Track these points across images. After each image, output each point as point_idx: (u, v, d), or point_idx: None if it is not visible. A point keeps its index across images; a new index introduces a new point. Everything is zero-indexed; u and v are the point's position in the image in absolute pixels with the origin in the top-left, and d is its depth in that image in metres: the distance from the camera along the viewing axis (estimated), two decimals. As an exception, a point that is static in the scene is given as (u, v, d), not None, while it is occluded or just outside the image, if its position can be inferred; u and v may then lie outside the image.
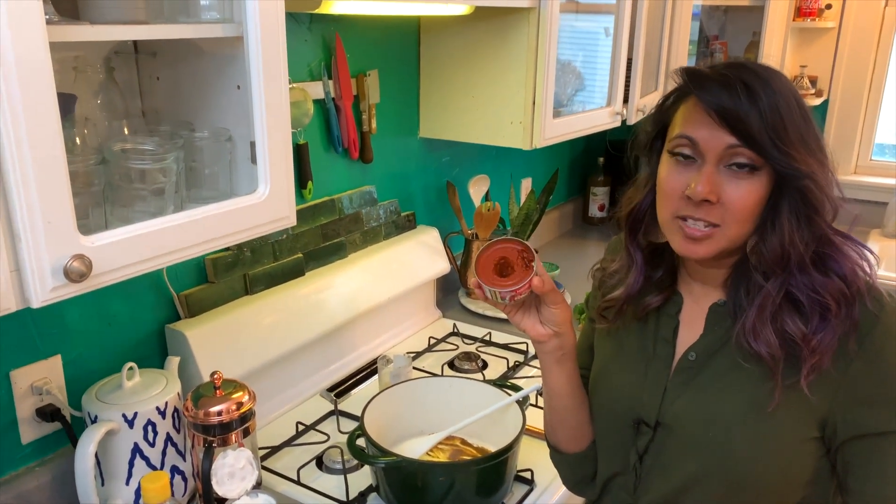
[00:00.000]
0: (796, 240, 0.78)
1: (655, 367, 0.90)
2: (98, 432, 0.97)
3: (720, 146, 0.77)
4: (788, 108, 0.77)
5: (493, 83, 1.66)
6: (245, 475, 1.00)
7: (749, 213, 0.79)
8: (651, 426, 0.89)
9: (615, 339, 0.97)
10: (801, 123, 0.77)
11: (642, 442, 0.90)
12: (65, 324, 1.10)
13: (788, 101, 0.77)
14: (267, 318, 1.35)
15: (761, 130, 0.75)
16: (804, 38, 2.77)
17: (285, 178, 0.98)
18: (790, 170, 0.76)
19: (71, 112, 0.92)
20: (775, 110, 0.75)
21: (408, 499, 1.10)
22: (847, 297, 0.78)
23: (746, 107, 0.75)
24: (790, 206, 0.78)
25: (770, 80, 0.77)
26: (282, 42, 0.93)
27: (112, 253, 0.77)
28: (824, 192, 0.78)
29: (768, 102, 0.75)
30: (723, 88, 0.76)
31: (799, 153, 0.76)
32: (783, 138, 0.75)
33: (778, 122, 0.75)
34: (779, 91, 0.77)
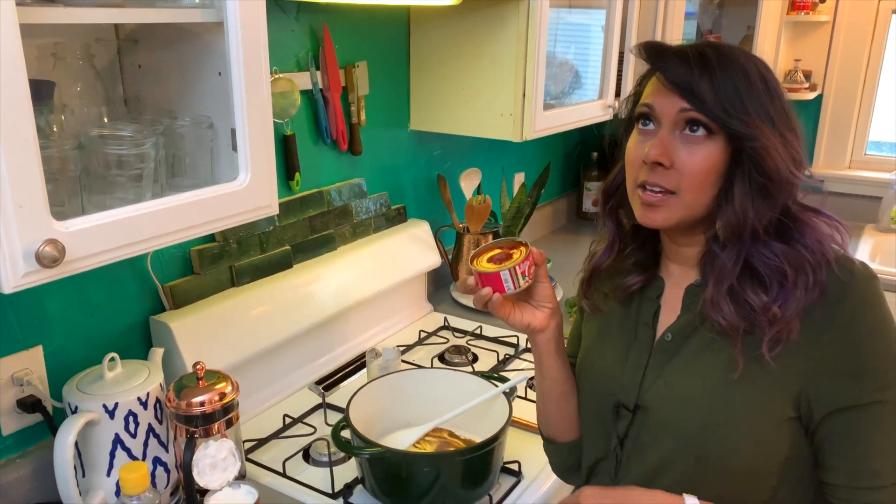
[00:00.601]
0: (749, 208, 0.78)
1: (636, 351, 0.91)
2: (77, 423, 0.96)
3: (673, 111, 0.80)
4: (747, 79, 0.78)
5: (483, 75, 1.65)
6: (227, 466, 0.99)
7: (702, 179, 0.80)
8: (630, 410, 0.89)
9: (599, 323, 0.98)
10: (762, 96, 0.79)
11: (622, 426, 0.90)
12: (46, 314, 1.09)
13: (748, 73, 0.79)
14: (254, 310, 1.34)
15: (710, 94, 0.77)
16: (798, 32, 2.76)
17: (266, 166, 0.97)
18: (740, 132, 0.77)
19: (49, 99, 0.91)
20: (729, 79, 0.78)
21: (393, 490, 1.09)
22: (810, 264, 0.78)
23: (698, 74, 0.78)
24: (742, 174, 0.78)
25: (729, 55, 0.79)
26: (262, 27, 0.92)
27: (87, 238, 0.76)
28: (777, 162, 0.78)
29: (722, 72, 0.78)
30: (678, 59, 0.79)
31: (751, 119, 0.77)
32: (734, 103, 0.77)
33: (731, 90, 0.77)
34: (738, 63, 0.79)
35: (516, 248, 0.91)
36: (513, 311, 0.92)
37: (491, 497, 1.12)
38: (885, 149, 2.89)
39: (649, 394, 0.88)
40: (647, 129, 0.83)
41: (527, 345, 1.65)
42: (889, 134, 2.90)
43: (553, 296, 0.93)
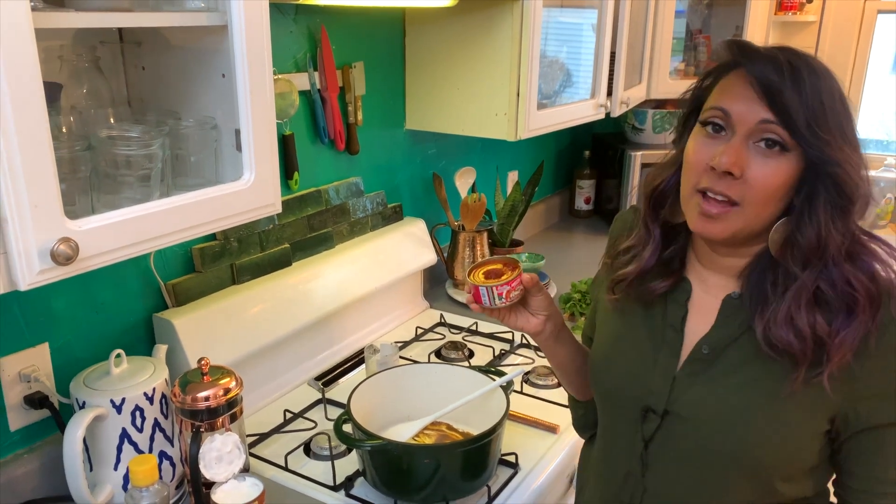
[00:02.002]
0: (832, 230, 0.76)
1: (664, 355, 0.89)
2: (86, 417, 0.98)
3: (753, 120, 0.77)
4: (831, 97, 0.76)
5: (478, 75, 1.67)
6: (232, 459, 1.01)
7: (771, 195, 0.78)
8: (659, 414, 0.88)
9: (622, 318, 0.95)
10: (841, 115, 0.77)
11: (649, 428, 0.89)
12: (52, 312, 1.11)
13: (832, 91, 0.76)
14: (254, 307, 1.37)
15: (798, 110, 0.74)
16: (786, 32, 2.80)
17: (270, 166, 1.00)
18: (822, 154, 0.75)
19: (56, 100, 0.93)
20: (817, 95, 0.75)
21: (394, 482, 1.11)
22: (873, 294, 0.77)
23: (789, 84, 0.75)
24: (826, 195, 0.76)
25: (816, 69, 0.77)
26: (266, 29, 0.94)
27: (98, 237, 0.78)
28: (857, 184, 0.76)
29: (811, 86, 0.75)
30: (769, 63, 0.76)
31: (835, 140, 0.75)
32: (820, 123, 0.75)
33: (818, 106, 0.75)
34: (824, 79, 0.77)
35: (511, 270, 0.96)
36: (507, 315, 0.98)
37: (489, 488, 1.15)
38: (872, 146, 2.94)
39: (683, 400, 0.87)
40: (716, 134, 0.80)
41: (522, 340, 1.68)
42: (876, 131, 2.95)
43: (549, 305, 0.97)
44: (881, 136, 2.97)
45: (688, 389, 0.86)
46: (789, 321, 0.78)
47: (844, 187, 0.76)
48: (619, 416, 0.94)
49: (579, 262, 2.25)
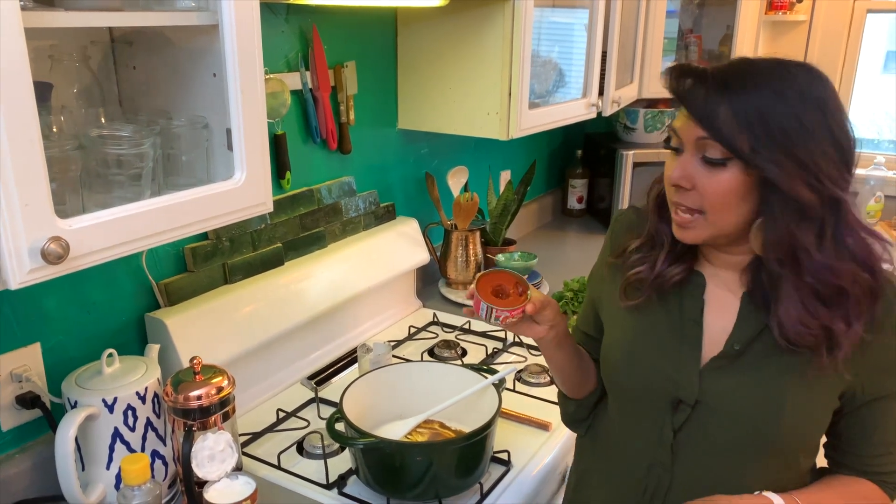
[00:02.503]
0: (793, 229, 0.81)
1: (687, 348, 0.93)
2: (78, 417, 0.98)
3: (692, 137, 0.83)
4: (776, 99, 0.79)
5: (469, 75, 1.68)
6: (225, 458, 1.01)
7: (724, 202, 0.83)
8: (690, 405, 0.92)
9: (639, 315, 0.97)
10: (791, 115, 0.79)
11: (679, 419, 0.93)
12: (43, 311, 1.11)
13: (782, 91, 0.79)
14: (246, 307, 1.37)
15: (729, 125, 0.79)
16: (776, 32, 2.82)
17: (261, 165, 1.00)
18: (758, 164, 0.79)
19: (47, 100, 0.93)
20: (750, 104, 0.78)
21: (386, 480, 1.12)
22: (866, 282, 0.82)
23: (714, 102, 0.79)
24: (777, 200, 0.80)
25: (757, 75, 0.80)
26: (257, 29, 0.94)
27: (89, 236, 0.78)
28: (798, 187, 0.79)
29: (742, 96, 0.79)
30: (699, 84, 0.81)
31: (770, 151, 0.78)
32: (753, 131, 0.78)
33: (752, 115, 0.78)
34: (767, 84, 0.79)
35: (518, 295, 0.98)
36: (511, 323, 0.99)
37: (482, 485, 1.15)
38: (862, 145, 2.96)
39: (712, 392, 0.91)
40: (676, 151, 0.86)
41: (514, 339, 1.69)
42: (867, 130, 2.97)
43: (554, 316, 0.99)
44: (872, 134, 2.99)
45: (717, 381, 0.91)
46: (796, 319, 0.83)
47: (789, 189, 0.79)
48: (644, 411, 0.97)
49: (572, 261, 2.26)
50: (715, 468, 0.93)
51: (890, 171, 2.66)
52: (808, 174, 0.79)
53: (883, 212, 2.64)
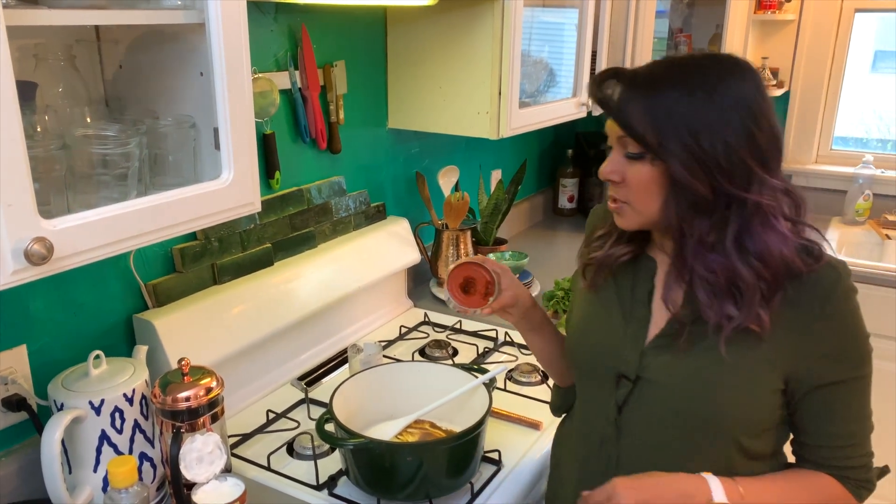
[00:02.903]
0: (685, 222, 0.87)
1: (633, 326, 0.98)
2: (64, 419, 0.97)
3: (615, 135, 0.91)
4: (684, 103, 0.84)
5: (459, 74, 1.68)
6: (213, 459, 1.01)
7: (644, 193, 0.89)
8: (631, 380, 0.96)
9: (595, 296, 1.05)
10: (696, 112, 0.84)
11: (622, 394, 0.98)
12: (29, 313, 1.10)
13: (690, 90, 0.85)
14: (236, 307, 1.36)
15: (640, 122, 0.85)
16: (766, 31, 2.83)
17: (249, 164, 0.99)
18: (664, 160, 0.85)
19: (31, 99, 0.92)
20: (661, 105, 0.85)
21: (377, 480, 1.11)
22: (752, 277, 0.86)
23: (625, 101, 0.87)
24: (675, 193, 0.87)
25: (665, 76, 0.87)
26: (244, 27, 0.94)
27: (74, 236, 0.78)
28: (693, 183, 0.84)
29: (651, 96, 0.85)
30: (617, 85, 0.88)
31: (669, 141, 0.84)
32: (663, 130, 0.84)
33: (661, 115, 0.85)
34: (674, 83, 0.86)
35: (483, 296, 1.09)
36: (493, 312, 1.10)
37: (472, 485, 1.15)
38: (851, 143, 2.98)
39: (652, 367, 0.95)
40: (610, 149, 0.94)
41: (505, 338, 1.69)
42: (855, 129, 2.99)
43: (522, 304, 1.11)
44: (860, 133, 3.00)
45: (657, 358, 0.95)
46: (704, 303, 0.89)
47: (687, 187, 0.85)
48: (594, 386, 1.03)
49: (563, 260, 2.26)
50: (658, 446, 0.96)
51: (878, 170, 2.68)
52: (705, 170, 0.84)
53: (871, 210, 2.66)
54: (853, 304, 0.89)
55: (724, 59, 0.89)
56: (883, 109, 2.98)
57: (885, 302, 2.25)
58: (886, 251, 2.54)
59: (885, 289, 2.24)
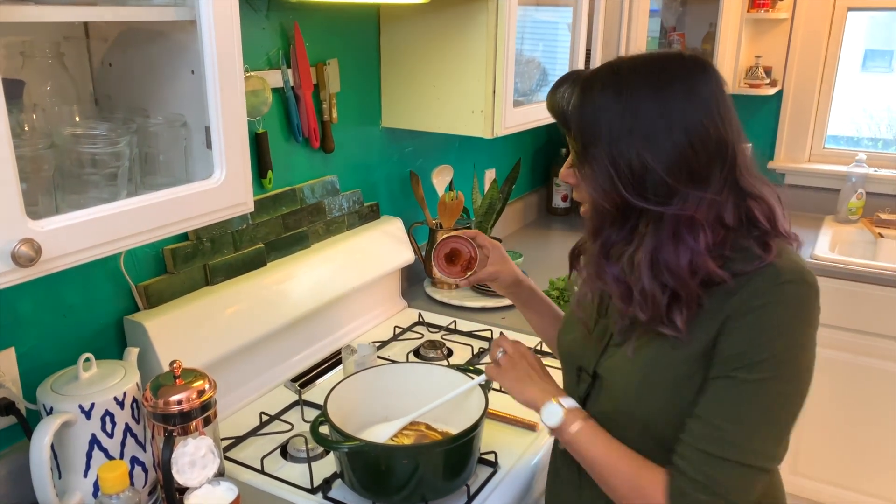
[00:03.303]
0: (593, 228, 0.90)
1: (601, 325, 1.01)
2: (54, 423, 0.95)
3: None
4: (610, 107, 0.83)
5: (453, 72, 1.66)
6: (206, 463, 0.99)
7: (586, 196, 0.91)
8: (590, 375, 0.99)
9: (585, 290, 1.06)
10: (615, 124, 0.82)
11: (582, 388, 1.00)
12: (18, 315, 1.08)
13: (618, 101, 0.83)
14: (228, 308, 1.34)
15: (576, 124, 0.86)
16: (759, 29, 2.83)
17: (241, 164, 0.98)
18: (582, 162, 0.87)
19: (19, 98, 0.90)
20: (591, 108, 0.84)
21: (372, 483, 1.10)
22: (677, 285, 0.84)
23: (565, 105, 0.87)
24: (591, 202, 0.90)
25: (602, 79, 0.85)
26: (236, 24, 0.92)
27: (63, 238, 0.76)
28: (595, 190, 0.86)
29: (589, 100, 0.85)
30: (562, 91, 0.89)
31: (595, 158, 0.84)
32: (590, 139, 0.84)
33: (589, 118, 0.85)
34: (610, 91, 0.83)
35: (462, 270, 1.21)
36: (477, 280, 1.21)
37: (469, 487, 1.14)
38: (842, 142, 2.98)
39: (604, 365, 0.97)
40: None
41: (500, 338, 1.68)
42: (846, 128, 3.00)
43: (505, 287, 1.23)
44: (851, 132, 3.01)
45: (610, 356, 0.97)
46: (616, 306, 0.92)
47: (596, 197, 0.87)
48: (567, 378, 1.06)
49: (557, 260, 2.25)
50: None
51: (871, 168, 2.68)
52: (615, 182, 0.83)
53: (864, 209, 2.67)
54: (786, 312, 0.81)
55: (675, 63, 0.84)
56: (874, 108, 2.99)
57: (878, 301, 2.26)
58: (880, 250, 2.55)
59: (878, 287, 2.25)
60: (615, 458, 0.91)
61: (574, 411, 0.95)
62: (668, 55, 0.86)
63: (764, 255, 0.83)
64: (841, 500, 2.44)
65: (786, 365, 0.82)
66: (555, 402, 0.96)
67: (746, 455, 0.82)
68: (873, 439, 2.33)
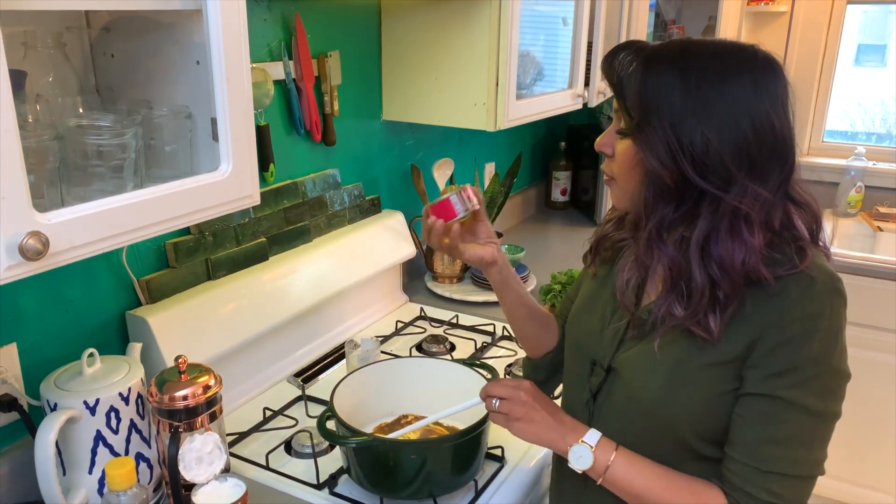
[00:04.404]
0: (649, 206, 0.85)
1: (618, 318, 0.98)
2: (58, 420, 0.93)
3: (615, 107, 0.89)
4: (676, 85, 0.81)
5: (455, 65, 1.65)
6: (213, 459, 0.98)
7: (626, 170, 0.88)
8: (604, 368, 0.97)
9: (595, 281, 1.07)
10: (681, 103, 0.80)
11: (595, 382, 0.98)
12: (19, 311, 1.06)
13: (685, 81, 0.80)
14: (230, 303, 1.33)
15: (633, 96, 0.83)
16: (758, 23, 2.83)
17: (248, 156, 0.96)
18: (641, 142, 0.83)
19: (21, 89, 0.88)
20: (655, 83, 0.82)
21: (379, 479, 1.09)
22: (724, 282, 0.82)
23: (624, 75, 0.84)
24: (649, 178, 0.85)
25: (664, 54, 0.83)
26: (242, 13, 0.91)
27: (70, 230, 0.75)
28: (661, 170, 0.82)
29: (654, 75, 0.82)
30: (622, 58, 0.86)
31: (655, 130, 0.81)
32: (650, 111, 0.82)
33: (652, 93, 0.82)
34: (671, 64, 0.82)
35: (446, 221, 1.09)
36: (466, 248, 1.10)
37: (476, 482, 1.13)
38: (838, 137, 2.99)
39: (620, 358, 0.95)
40: None
41: (503, 333, 1.67)
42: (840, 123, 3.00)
43: (493, 234, 1.13)
44: (846, 127, 3.01)
45: (628, 350, 0.95)
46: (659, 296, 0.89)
47: (655, 172, 0.83)
48: (576, 369, 1.04)
49: (557, 254, 2.25)
50: (626, 437, 0.93)
51: (870, 162, 2.69)
52: (676, 160, 0.81)
53: (863, 202, 2.67)
54: (820, 323, 0.81)
55: (747, 55, 0.83)
56: (867, 102, 3.00)
57: (877, 294, 2.26)
58: (878, 243, 2.56)
59: (877, 280, 2.25)
60: (663, 488, 0.88)
61: (602, 445, 0.90)
62: (742, 46, 0.84)
63: (799, 263, 0.82)
64: (840, 492, 2.45)
65: (830, 374, 0.83)
66: (581, 444, 0.90)
67: (804, 467, 0.84)
68: (873, 432, 2.34)
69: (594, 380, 0.99)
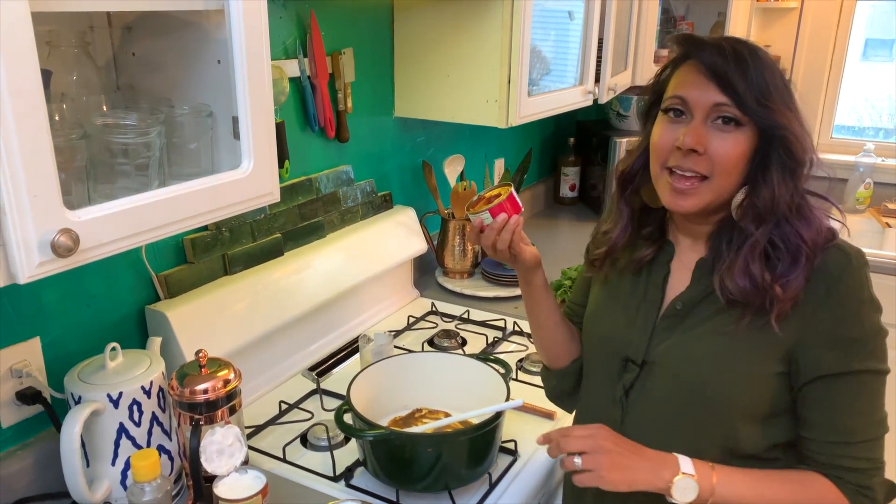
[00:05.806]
0: (783, 190, 0.88)
1: (645, 310, 1.00)
2: (84, 412, 0.95)
3: (708, 103, 0.88)
4: (773, 75, 0.88)
5: (467, 61, 1.66)
6: (234, 452, 1.00)
7: (733, 165, 0.89)
8: (638, 364, 0.99)
9: (610, 285, 1.07)
10: (782, 89, 0.89)
11: (629, 378, 1.00)
12: (42, 305, 1.08)
13: (773, 70, 0.89)
14: (246, 298, 1.35)
15: (746, 90, 0.86)
16: (768, 19, 2.82)
17: (268, 154, 0.98)
18: (771, 122, 0.86)
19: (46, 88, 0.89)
20: (760, 74, 0.87)
21: (395, 471, 1.11)
22: (816, 245, 0.88)
23: (734, 68, 0.87)
24: (777, 159, 0.88)
25: (758, 52, 0.90)
26: (264, 13, 0.92)
27: (99, 228, 0.76)
28: (803, 146, 0.88)
29: (754, 67, 0.87)
30: (716, 51, 0.88)
31: (779, 109, 0.87)
32: (766, 97, 0.86)
33: (762, 83, 0.87)
34: (765, 61, 0.89)
35: (501, 188, 1.07)
36: (524, 248, 1.07)
37: (490, 475, 1.15)
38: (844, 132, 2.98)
39: (658, 350, 0.97)
40: (678, 119, 0.91)
41: (514, 328, 1.68)
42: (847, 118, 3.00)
43: None
44: (853, 122, 3.01)
45: (663, 341, 0.97)
46: (743, 271, 0.88)
47: (793, 148, 0.87)
48: (603, 368, 1.04)
49: (566, 250, 2.25)
50: (661, 427, 0.96)
51: (879, 158, 2.69)
52: (807, 136, 0.89)
53: (872, 198, 2.67)
54: (864, 294, 0.88)
55: None
56: (875, 98, 2.99)
57: (885, 290, 2.27)
58: (887, 239, 2.56)
59: (886, 276, 2.26)
60: (774, 491, 0.90)
61: (699, 469, 0.88)
62: None
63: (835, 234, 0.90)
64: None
65: (882, 336, 0.90)
66: (683, 476, 0.87)
67: (882, 426, 0.91)
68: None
69: (627, 376, 1.00)
